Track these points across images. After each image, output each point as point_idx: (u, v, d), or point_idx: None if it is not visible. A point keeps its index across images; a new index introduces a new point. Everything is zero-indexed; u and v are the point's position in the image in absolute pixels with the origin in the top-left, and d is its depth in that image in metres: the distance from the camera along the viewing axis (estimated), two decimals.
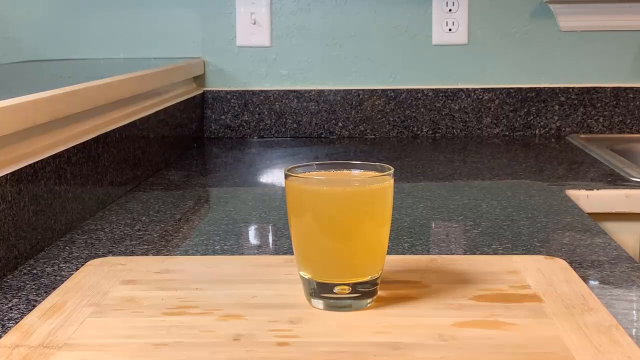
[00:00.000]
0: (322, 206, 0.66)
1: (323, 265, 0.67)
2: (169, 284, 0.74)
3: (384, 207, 0.67)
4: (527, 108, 1.78)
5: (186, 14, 1.81)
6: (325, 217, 0.66)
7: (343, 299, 0.66)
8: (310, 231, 0.67)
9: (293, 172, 0.68)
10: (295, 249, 0.69)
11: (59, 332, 0.63)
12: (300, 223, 0.68)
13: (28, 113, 0.90)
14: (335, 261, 0.67)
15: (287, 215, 0.70)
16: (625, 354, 0.57)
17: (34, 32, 1.84)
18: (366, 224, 0.66)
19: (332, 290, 0.66)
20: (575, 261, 0.84)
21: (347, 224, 0.66)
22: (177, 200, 1.19)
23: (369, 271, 0.67)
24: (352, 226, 0.66)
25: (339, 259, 0.67)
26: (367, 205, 0.66)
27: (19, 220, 0.85)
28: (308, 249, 0.68)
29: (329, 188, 0.67)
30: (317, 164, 0.70)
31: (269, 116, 1.81)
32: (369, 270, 0.67)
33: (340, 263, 0.67)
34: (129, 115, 1.29)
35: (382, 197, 0.66)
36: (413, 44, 1.79)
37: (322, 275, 0.67)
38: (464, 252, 0.91)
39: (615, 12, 1.74)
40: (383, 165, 0.68)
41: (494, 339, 0.60)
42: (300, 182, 0.67)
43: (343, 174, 0.70)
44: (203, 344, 0.60)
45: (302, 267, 0.68)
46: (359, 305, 0.67)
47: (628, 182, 1.26)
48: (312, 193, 0.66)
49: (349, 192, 0.66)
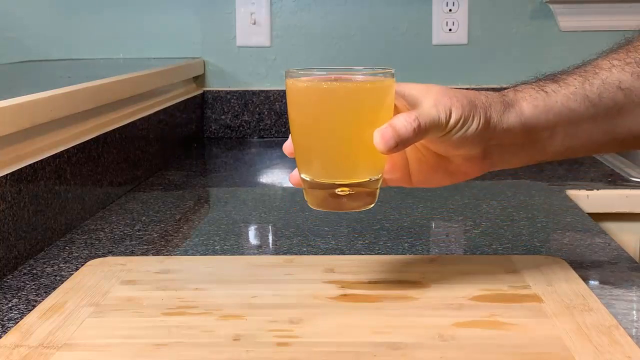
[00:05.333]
0: (322, 104, 0.65)
1: (323, 165, 0.66)
2: (169, 284, 0.74)
3: (385, 107, 0.66)
4: None
5: (186, 14, 1.81)
6: (325, 115, 0.65)
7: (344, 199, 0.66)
8: (310, 130, 0.66)
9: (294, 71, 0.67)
10: (295, 151, 0.68)
11: (58, 332, 0.63)
12: (300, 122, 0.67)
13: (28, 113, 0.90)
14: (335, 160, 0.66)
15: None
16: (625, 354, 0.57)
17: (34, 32, 1.84)
18: (366, 122, 0.65)
19: (334, 191, 0.66)
20: (575, 261, 0.84)
21: (347, 122, 0.65)
22: (177, 200, 1.19)
23: (369, 172, 0.66)
24: (352, 124, 0.65)
25: (339, 158, 0.66)
26: (368, 103, 0.65)
27: (19, 220, 0.85)
28: (308, 149, 0.67)
29: (330, 84, 0.65)
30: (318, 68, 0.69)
31: (269, 116, 1.81)
32: (369, 170, 0.67)
33: (341, 162, 0.66)
34: (129, 115, 1.29)
35: (382, 95, 0.65)
36: (413, 44, 1.79)
37: (322, 175, 0.66)
38: (464, 252, 0.91)
39: (615, 12, 1.74)
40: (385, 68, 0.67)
41: (494, 339, 0.60)
42: (301, 80, 0.66)
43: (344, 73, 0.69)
44: (203, 344, 0.60)
45: (302, 169, 0.67)
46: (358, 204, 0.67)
47: (628, 182, 1.26)
48: (314, 90, 0.65)
49: (350, 88, 0.65)
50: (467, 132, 0.66)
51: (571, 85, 0.70)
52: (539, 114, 0.68)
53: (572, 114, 0.69)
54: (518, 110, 0.68)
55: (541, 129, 0.69)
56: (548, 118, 0.69)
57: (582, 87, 0.70)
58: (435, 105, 0.65)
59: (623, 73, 0.70)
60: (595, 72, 0.71)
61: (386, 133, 0.63)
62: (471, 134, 0.66)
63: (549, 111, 0.69)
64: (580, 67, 0.72)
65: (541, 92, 0.69)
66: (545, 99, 0.69)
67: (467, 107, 0.66)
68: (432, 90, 0.67)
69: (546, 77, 0.72)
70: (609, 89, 0.70)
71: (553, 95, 0.69)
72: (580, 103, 0.69)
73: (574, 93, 0.69)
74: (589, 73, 0.71)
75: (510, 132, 0.68)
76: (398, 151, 0.64)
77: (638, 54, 0.72)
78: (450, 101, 0.65)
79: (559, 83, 0.70)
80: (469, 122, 0.66)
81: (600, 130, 0.71)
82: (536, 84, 0.71)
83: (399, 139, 0.63)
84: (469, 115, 0.66)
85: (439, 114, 0.65)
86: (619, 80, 0.70)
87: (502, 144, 0.69)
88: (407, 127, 0.63)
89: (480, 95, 0.68)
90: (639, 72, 0.70)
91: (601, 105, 0.69)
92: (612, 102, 0.70)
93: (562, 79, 0.71)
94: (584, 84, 0.70)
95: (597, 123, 0.70)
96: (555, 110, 0.69)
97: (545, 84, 0.71)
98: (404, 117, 0.64)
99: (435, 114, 0.64)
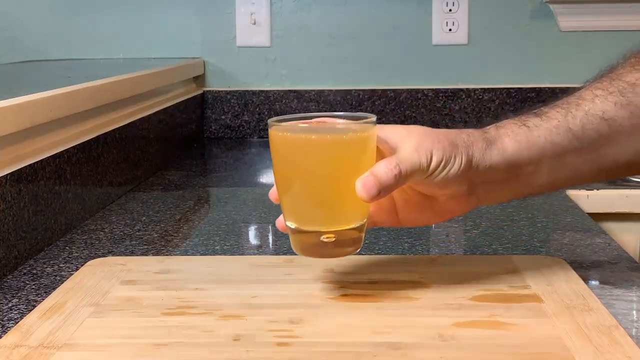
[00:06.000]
0: (304, 155, 0.65)
1: (308, 214, 0.67)
2: (169, 284, 0.74)
3: (367, 155, 0.66)
4: (527, 108, 1.78)
5: (186, 14, 1.81)
6: (308, 165, 0.65)
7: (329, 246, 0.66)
8: (293, 180, 0.66)
9: (277, 122, 0.67)
10: (280, 199, 0.68)
11: (58, 332, 0.63)
12: (284, 172, 0.67)
13: (28, 113, 0.90)
14: (319, 209, 0.66)
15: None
16: (625, 354, 0.57)
17: (34, 32, 1.84)
18: (350, 170, 0.65)
19: (319, 239, 0.66)
20: (575, 261, 0.84)
21: (330, 172, 0.66)
22: (177, 200, 1.19)
23: (354, 218, 0.67)
24: (334, 174, 0.66)
25: (323, 207, 0.66)
26: (349, 154, 0.65)
27: (19, 220, 0.85)
28: (293, 197, 0.67)
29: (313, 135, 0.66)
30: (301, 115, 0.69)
31: (269, 116, 1.81)
32: (354, 217, 0.67)
33: (325, 211, 0.66)
34: (129, 115, 1.29)
35: (364, 145, 0.65)
36: (413, 44, 1.79)
37: (307, 223, 0.66)
38: (464, 252, 0.91)
39: (615, 12, 1.74)
40: (366, 115, 0.68)
41: (494, 339, 0.60)
42: (284, 130, 0.66)
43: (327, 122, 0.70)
44: (203, 344, 0.60)
45: (288, 217, 0.67)
46: (344, 252, 0.67)
47: (628, 182, 1.26)
48: (296, 141, 0.66)
49: (331, 140, 0.66)
50: (449, 173, 0.66)
51: (553, 119, 0.69)
52: (522, 149, 0.68)
53: (556, 147, 0.69)
54: (500, 147, 0.68)
55: (525, 165, 0.68)
56: (531, 153, 0.68)
57: (564, 119, 0.69)
58: (417, 149, 0.65)
59: (606, 103, 0.69)
60: (577, 104, 0.70)
61: (368, 182, 0.63)
62: (454, 175, 0.66)
63: (531, 146, 0.68)
64: (564, 99, 0.72)
65: (523, 127, 0.69)
66: (527, 134, 0.68)
67: (448, 148, 0.66)
68: (414, 133, 0.66)
69: (529, 112, 0.71)
70: (593, 120, 0.69)
71: (535, 130, 0.69)
72: (564, 136, 0.69)
73: (557, 126, 0.69)
74: (572, 105, 0.70)
75: (494, 169, 0.68)
76: (381, 198, 0.64)
77: (621, 82, 0.71)
78: (432, 143, 0.65)
79: (541, 117, 0.70)
80: (450, 163, 0.66)
81: (585, 161, 0.70)
82: (518, 119, 0.70)
83: (381, 187, 0.63)
84: (450, 156, 0.66)
85: (419, 158, 0.65)
86: (602, 110, 0.69)
87: (487, 181, 0.69)
88: (389, 174, 0.63)
89: (461, 134, 0.68)
90: (622, 101, 0.69)
91: (585, 137, 0.69)
92: (596, 134, 0.69)
93: (544, 112, 0.70)
94: (566, 116, 0.69)
95: (582, 155, 0.69)
96: (538, 145, 0.68)
97: (528, 118, 0.70)
98: (385, 164, 0.64)
99: (417, 159, 0.65)
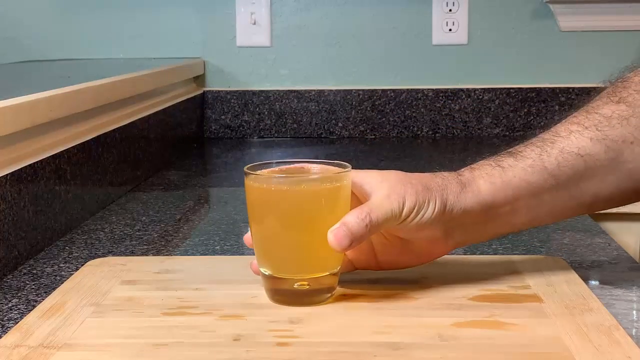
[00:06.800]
0: (280, 205, 0.66)
1: (282, 261, 0.67)
2: (169, 284, 0.74)
3: (340, 204, 0.66)
4: (527, 108, 1.78)
5: (186, 14, 1.81)
6: (282, 215, 0.66)
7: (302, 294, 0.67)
8: (269, 228, 0.67)
9: (252, 171, 0.67)
10: (254, 245, 0.69)
11: (58, 332, 0.63)
12: (258, 220, 0.68)
13: (28, 113, 0.90)
14: (294, 257, 0.67)
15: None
16: (625, 354, 0.57)
17: (34, 32, 1.84)
18: (324, 220, 0.65)
19: (292, 286, 0.67)
20: (575, 261, 0.84)
21: (303, 222, 0.66)
22: (177, 200, 1.19)
23: (327, 266, 0.67)
24: (307, 224, 0.66)
25: (298, 255, 0.67)
26: (324, 203, 0.66)
27: (19, 220, 0.85)
28: (267, 245, 0.68)
29: (287, 187, 0.67)
30: (276, 162, 0.70)
31: (269, 116, 1.81)
32: (328, 265, 0.67)
33: (299, 259, 0.67)
34: (129, 115, 1.29)
35: (337, 195, 0.66)
36: (413, 44, 1.79)
37: (280, 270, 0.67)
38: (464, 252, 0.91)
39: (615, 12, 1.74)
40: (341, 163, 0.68)
41: (494, 339, 0.60)
42: (260, 181, 0.67)
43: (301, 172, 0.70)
44: (203, 344, 0.60)
45: (261, 263, 0.68)
46: (318, 299, 0.67)
47: None
48: (271, 193, 0.66)
49: (304, 191, 0.66)
50: (423, 218, 0.66)
51: (528, 158, 0.69)
52: (496, 190, 0.68)
53: (531, 186, 0.68)
54: (475, 190, 0.67)
55: (500, 205, 0.68)
56: (506, 194, 0.68)
57: (539, 158, 0.68)
58: (389, 196, 0.65)
59: (582, 139, 0.69)
60: (553, 141, 0.69)
61: (339, 233, 0.63)
62: (428, 219, 0.66)
63: (506, 187, 0.68)
64: (539, 136, 0.71)
65: (497, 168, 0.68)
66: (502, 175, 0.68)
67: (421, 193, 0.65)
68: (387, 179, 0.66)
69: (504, 152, 0.71)
70: (568, 157, 0.68)
71: (510, 170, 0.68)
72: (539, 175, 0.68)
73: (532, 165, 0.68)
74: (547, 142, 0.69)
75: (469, 212, 0.67)
76: (354, 247, 0.64)
77: (597, 116, 0.70)
78: (404, 189, 0.65)
79: (516, 157, 0.69)
80: (424, 208, 0.65)
81: (563, 198, 0.69)
82: (493, 160, 0.70)
83: (352, 237, 0.63)
84: (423, 201, 0.65)
85: (391, 205, 0.64)
86: (577, 147, 0.68)
87: (464, 224, 0.68)
88: (360, 224, 0.63)
89: (436, 177, 0.68)
90: (598, 136, 0.68)
91: (561, 175, 0.68)
92: (572, 171, 0.68)
93: (519, 152, 0.70)
94: (541, 155, 0.69)
95: (559, 192, 0.69)
96: (514, 185, 0.68)
97: (502, 158, 0.70)
98: (357, 213, 0.64)
99: (388, 206, 0.64)
